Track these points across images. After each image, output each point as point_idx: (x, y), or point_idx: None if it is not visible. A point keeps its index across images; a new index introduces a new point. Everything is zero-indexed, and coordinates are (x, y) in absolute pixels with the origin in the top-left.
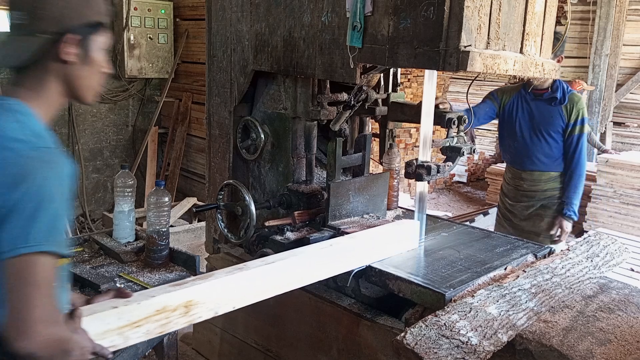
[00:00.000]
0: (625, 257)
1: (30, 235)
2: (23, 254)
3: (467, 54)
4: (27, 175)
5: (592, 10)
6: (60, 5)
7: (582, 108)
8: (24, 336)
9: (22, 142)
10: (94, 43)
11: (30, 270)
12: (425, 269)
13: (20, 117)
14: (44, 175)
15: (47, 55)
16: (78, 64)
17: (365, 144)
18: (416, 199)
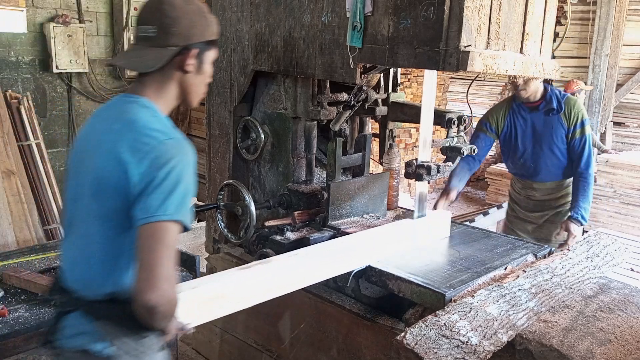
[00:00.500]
0: (625, 257)
1: (167, 207)
2: (160, 220)
3: (467, 54)
4: (168, 159)
5: (592, 10)
6: (187, 25)
7: (580, 110)
8: (152, 289)
9: (160, 131)
10: (207, 57)
11: (163, 235)
12: (425, 269)
13: (154, 112)
14: (180, 159)
15: (172, 64)
16: (193, 73)
17: (365, 144)
18: (416, 199)
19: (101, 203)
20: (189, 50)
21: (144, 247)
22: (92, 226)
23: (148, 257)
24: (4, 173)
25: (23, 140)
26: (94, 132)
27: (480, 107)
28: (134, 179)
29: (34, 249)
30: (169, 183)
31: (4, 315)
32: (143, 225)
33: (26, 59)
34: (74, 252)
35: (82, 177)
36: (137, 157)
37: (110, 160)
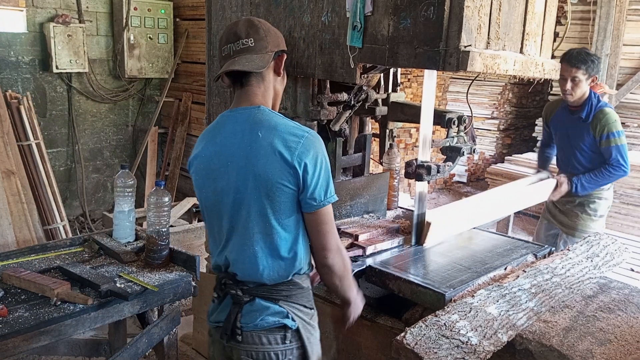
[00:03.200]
0: (625, 257)
1: (329, 191)
2: (329, 203)
3: (467, 54)
4: (316, 153)
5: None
6: (275, 36)
7: (607, 124)
8: (331, 255)
9: (301, 130)
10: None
11: (330, 215)
12: (425, 269)
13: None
14: (322, 151)
15: (269, 68)
16: (281, 78)
17: (365, 144)
18: (416, 199)
19: (273, 200)
20: (280, 55)
21: (319, 227)
22: (271, 221)
23: (324, 234)
24: (4, 173)
25: (23, 140)
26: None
27: (480, 107)
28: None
29: (34, 249)
30: (323, 172)
31: (4, 315)
32: (316, 211)
33: (26, 59)
34: (251, 249)
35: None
36: (293, 154)
37: (272, 161)
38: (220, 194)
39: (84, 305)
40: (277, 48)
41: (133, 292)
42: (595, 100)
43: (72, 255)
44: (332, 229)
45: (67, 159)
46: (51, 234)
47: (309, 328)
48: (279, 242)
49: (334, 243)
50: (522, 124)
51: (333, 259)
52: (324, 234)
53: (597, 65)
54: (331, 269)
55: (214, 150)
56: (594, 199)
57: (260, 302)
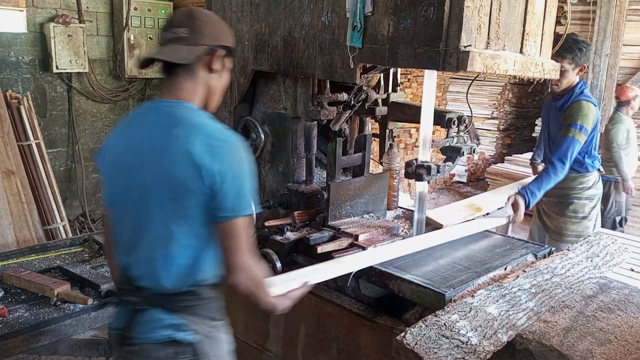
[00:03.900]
0: (625, 257)
1: (243, 203)
2: (241, 216)
3: (467, 54)
4: (239, 159)
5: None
6: (215, 29)
7: (579, 115)
8: (234, 273)
9: (222, 133)
10: (227, 63)
11: (242, 228)
12: (425, 269)
13: (204, 115)
14: (245, 157)
15: (201, 63)
16: (217, 75)
17: (365, 144)
18: (416, 199)
19: (179, 204)
20: (216, 51)
21: (225, 241)
22: (171, 226)
23: (231, 248)
24: (4, 173)
25: (23, 140)
26: (145, 139)
27: (480, 107)
28: (211, 181)
29: (34, 249)
30: (241, 181)
31: (4, 315)
32: (222, 223)
33: (26, 59)
34: (150, 253)
35: (147, 183)
36: (211, 160)
37: (184, 163)
38: (127, 191)
39: (84, 305)
40: (215, 43)
41: None
42: (578, 91)
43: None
44: (241, 244)
45: (67, 159)
46: (51, 234)
47: (213, 341)
48: (182, 249)
49: (240, 261)
50: (522, 124)
51: (237, 279)
52: (229, 249)
53: (585, 54)
54: (236, 288)
55: (127, 143)
56: (572, 199)
57: (154, 313)
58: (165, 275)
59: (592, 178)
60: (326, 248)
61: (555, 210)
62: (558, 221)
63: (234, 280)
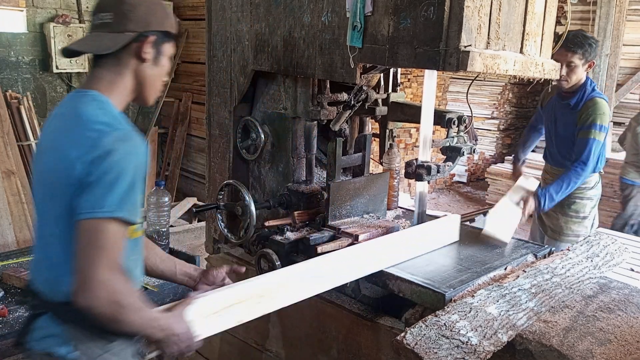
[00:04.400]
0: (625, 257)
1: (106, 202)
2: (96, 217)
3: (467, 54)
4: (110, 151)
5: (592, 10)
6: (145, 12)
7: (596, 114)
8: (84, 292)
9: (106, 124)
10: (165, 50)
11: (99, 233)
12: (425, 269)
13: (103, 105)
14: (124, 151)
15: (128, 51)
16: (150, 64)
17: (365, 144)
18: (416, 199)
19: (55, 203)
20: (146, 37)
21: (78, 245)
22: (51, 227)
23: (81, 258)
24: (4, 173)
25: (23, 140)
26: (47, 132)
27: (480, 107)
28: (77, 175)
29: None
30: (110, 177)
31: (4, 315)
32: (79, 222)
33: (26, 59)
34: (39, 254)
35: (39, 179)
36: (79, 152)
37: (58, 158)
38: (33, 185)
39: None
40: (146, 28)
41: None
42: (589, 88)
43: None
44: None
45: None
46: None
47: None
48: (64, 253)
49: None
50: (522, 124)
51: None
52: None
53: (594, 50)
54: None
55: (42, 132)
56: (574, 199)
57: (42, 321)
58: (47, 282)
59: (594, 178)
60: (326, 248)
61: (556, 209)
62: (559, 220)
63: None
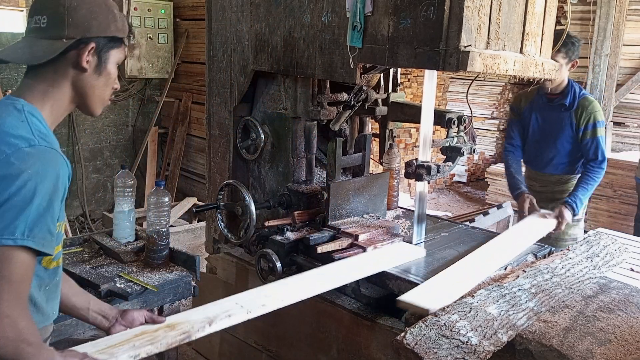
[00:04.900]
0: (625, 257)
1: (16, 228)
2: (4, 245)
3: (467, 54)
4: (20, 171)
5: (592, 10)
6: (85, 16)
7: (594, 112)
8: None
9: (22, 139)
10: (111, 56)
11: (7, 263)
12: (425, 269)
13: (27, 116)
14: (36, 171)
15: (65, 59)
16: (92, 73)
17: (365, 144)
18: (416, 199)
19: None
20: (85, 44)
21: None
22: None
23: None
24: None
25: None
26: None
27: (480, 107)
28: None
29: None
30: (19, 199)
31: None
32: None
33: None
34: None
35: None
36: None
37: None
38: None
39: None
40: (85, 34)
41: (133, 292)
42: (577, 87)
43: (72, 255)
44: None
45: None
46: None
47: None
48: None
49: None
50: None
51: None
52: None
53: (577, 48)
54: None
55: None
56: None
57: None
58: None
59: None
60: (326, 248)
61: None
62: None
63: None
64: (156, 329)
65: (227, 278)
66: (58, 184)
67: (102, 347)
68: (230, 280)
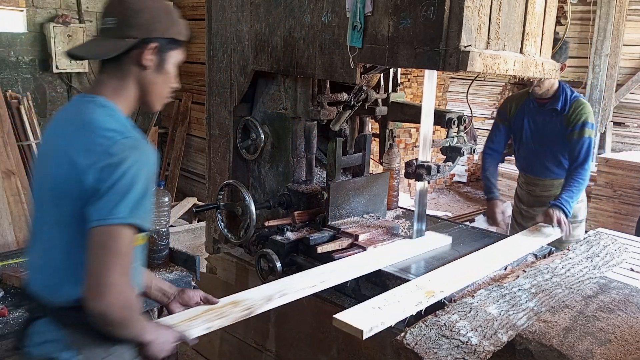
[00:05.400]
0: (625, 257)
1: (119, 210)
2: (111, 224)
3: (467, 54)
4: (122, 159)
5: (592, 10)
6: (149, 18)
7: (584, 113)
8: (98, 297)
9: (115, 131)
10: (170, 57)
11: (113, 240)
12: (425, 269)
13: (111, 111)
14: (135, 159)
15: (130, 57)
16: (153, 71)
17: (365, 144)
18: (416, 199)
19: (60, 209)
20: (147, 44)
21: (92, 251)
22: (54, 232)
23: (95, 263)
24: (4, 173)
25: (23, 140)
26: (51, 135)
27: (480, 107)
28: (89, 183)
29: None
30: (123, 184)
31: (4, 315)
32: (93, 229)
33: (26, 59)
34: (38, 258)
35: (42, 183)
36: (90, 160)
37: (64, 164)
38: (34, 188)
39: None
40: (149, 35)
41: None
42: (568, 90)
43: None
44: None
45: None
46: None
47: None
48: (65, 259)
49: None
50: None
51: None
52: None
53: (565, 52)
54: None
55: (45, 135)
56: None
57: (40, 325)
58: (49, 286)
59: None
60: (326, 248)
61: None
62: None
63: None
64: (223, 305)
65: (227, 278)
66: (150, 168)
67: (177, 321)
68: (230, 281)
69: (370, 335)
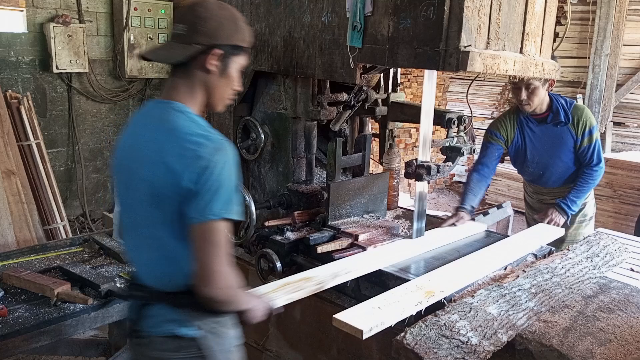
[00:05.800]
0: (625, 257)
1: (213, 207)
2: (208, 220)
3: (467, 54)
4: (212, 162)
5: (592, 10)
6: (215, 26)
7: (588, 119)
8: (208, 284)
9: (200, 135)
10: (233, 62)
11: (212, 234)
12: (425, 269)
13: (190, 116)
14: (222, 160)
15: (197, 62)
16: (217, 75)
17: (365, 144)
18: (416, 199)
19: (162, 210)
20: (212, 50)
21: (196, 245)
22: (160, 230)
23: (201, 255)
24: (4, 173)
25: (23, 140)
26: (139, 141)
27: (480, 107)
28: (184, 184)
29: (34, 249)
30: (213, 184)
31: (4, 315)
32: (193, 225)
33: (26, 59)
34: (148, 254)
35: (136, 187)
36: (184, 164)
37: (161, 170)
38: (126, 191)
39: (84, 305)
40: (214, 41)
41: None
42: (562, 100)
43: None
44: (217, 250)
45: (67, 159)
46: (51, 234)
47: (218, 336)
48: (171, 252)
49: (216, 268)
50: None
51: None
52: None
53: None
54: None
55: (127, 140)
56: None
57: (158, 308)
58: (161, 277)
59: None
60: (326, 248)
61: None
62: (569, 229)
63: (210, 291)
64: (297, 280)
65: None
66: (235, 167)
67: (264, 292)
68: None
69: (370, 335)
